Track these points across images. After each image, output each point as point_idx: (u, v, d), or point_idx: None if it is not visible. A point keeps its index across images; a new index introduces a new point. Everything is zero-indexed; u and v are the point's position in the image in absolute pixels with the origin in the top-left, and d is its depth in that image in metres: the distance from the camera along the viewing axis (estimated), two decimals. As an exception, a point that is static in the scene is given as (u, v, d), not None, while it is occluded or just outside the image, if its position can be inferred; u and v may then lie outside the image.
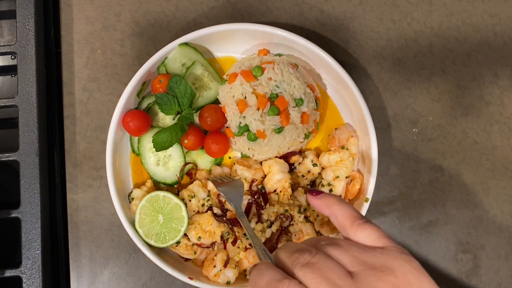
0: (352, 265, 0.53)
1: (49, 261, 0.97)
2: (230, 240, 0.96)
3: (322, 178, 0.98)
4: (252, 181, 0.97)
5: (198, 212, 0.97)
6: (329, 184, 0.97)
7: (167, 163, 0.98)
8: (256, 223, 0.96)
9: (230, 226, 0.96)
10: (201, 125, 0.97)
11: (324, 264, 0.53)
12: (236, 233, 0.96)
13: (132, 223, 0.93)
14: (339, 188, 0.96)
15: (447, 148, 1.04)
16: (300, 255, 0.54)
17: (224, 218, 0.97)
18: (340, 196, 0.95)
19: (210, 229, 0.95)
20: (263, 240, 0.96)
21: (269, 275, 0.53)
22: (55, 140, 1.03)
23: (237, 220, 0.96)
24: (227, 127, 0.98)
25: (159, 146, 0.91)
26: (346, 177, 0.97)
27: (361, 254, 0.54)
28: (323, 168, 0.98)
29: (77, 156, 1.02)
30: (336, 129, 1.01)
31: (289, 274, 0.53)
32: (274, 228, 0.96)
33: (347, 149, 0.97)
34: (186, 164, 0.98)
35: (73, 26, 1.06)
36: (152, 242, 0.92)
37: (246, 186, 0.98)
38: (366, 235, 0.57)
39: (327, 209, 0.61)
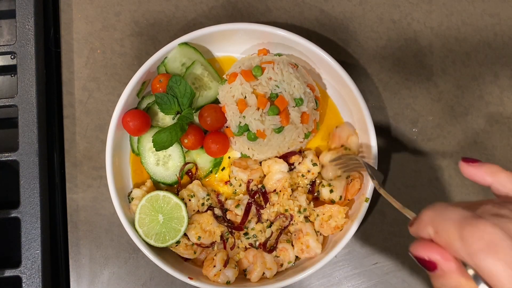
0: None
1: (49, 261, 0.97)
2: (230, 246, 0.97)
3: (322, 178, 0.98)
4: (249, 182, 0.97)
5: (198, 211, 0.97)
6: (329, 185, 0.97)
7: (166, 162, 0.98)
8: (256, 223, 0.96)
9: (230, 230, 0.96)
10: (201, 125, 0.97)
11: None
12: (235, 235, 0.97)
13: (132, 223, 0.93)
14: (339, 188, 0.96)
15: (447, 148, 1.04)
16: (483, 207, 0.51)
17: (224, 219, 0.97)
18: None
19: (210, 228, 0.95)
20: (262, 240, 0.96)
21: (459, 213, 0.49)
22: (54, 140, 1.03)
23: (238, 226, 0.96)
24: (227, 127, 0.98)
25: (159, 145, 0.91)
26: (346, 177, 0.97)
27: None
28: (322, 166, 0.98)
29: (77, 156, 1.02)
30: (336, 127, 1.01)
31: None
32: (274, 228, 0.97)
33: (349, 149, 0.97)
34: (186, 163, 0.98)
35: (72, 26, 1.06)
36: (152, 242, 0.92)
37: (244, 187, 0.98)
38: None
39: (490, 177, 0.58)
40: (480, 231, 0.47)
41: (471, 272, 0.50)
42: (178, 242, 0.94)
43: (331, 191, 0.97)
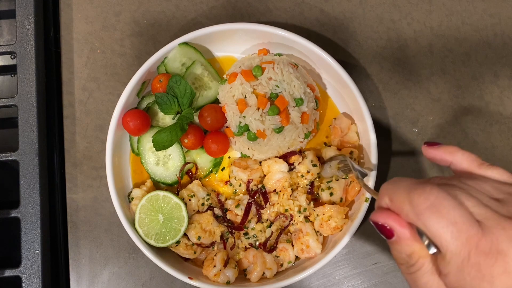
0: (497, 193, 0.53)
1: (49, 261, 0.97)
2: (230, 246, 0.96)
3: (321, 182, 0.98)
4: (249, 182, 0.97)
5: (198, 211, 0.97)
6: (328, 188, 0.97)
7: (166, 162, 0.98)
8: (256, 223, 0.96)
9: (230, 230, 0.96)
10: (201, 125, 0.97)
11: (468, 188, 0.53)
12: (235, 235, 0.97)
13: (132, 223, 0.93)
14: (339, 190, 0.96)
15: (447, 148, 1.04)
16: (431, 181, 0.55)
17: (224, 219, 0.97)
18: None
19: (210, 228, 0.95)
20: (262, 239, 0.96)
21: (409, 181, 0.54)
22: (54, 140, 1.03)
23: (238, 226, 0.96)
24: (227, 127, 0.98)
25: (159, 145, 0.91)
26: (345, 178, 0.96)
27: (503, 186, 0.54)
28: (323, 163, 0.98)
29: (77, 156, 1.02)
30: (334, 119, 1.00)
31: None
32: (274, 228, 0.96)
33: (355, 159, 0.97)
34: (186, 163, 0.98)
35: (72, 26, 1.06)
36: (152, 242, 0.92)
37: (244, 187, 0.98)
38: (498, 173, 0.58)
39: (449, 156, 0.62)
40: (426, 193, 0.51)
41: (425, 241, 0.53)
42: (178, 242, 0.94)
43: (331, 194, 0.97)
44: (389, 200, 0.55)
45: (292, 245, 0.96)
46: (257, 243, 0.96)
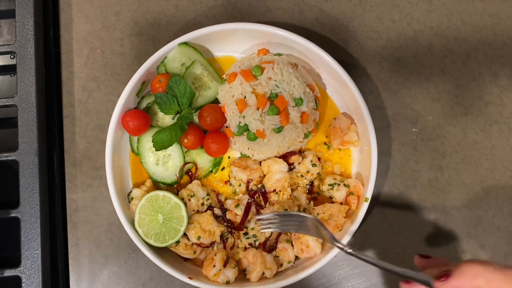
0: None
1: (49, 260, 0.97)
2: (229, 245, 0.96)
3: (322, 185, 0.98)
4: (248, 181, 0.97)
5: (197, 211, 0.97)
6: (328, 191, 0.97)
7: (166, 162, 0.98)
8: (256, 222, 0.96)
9: (230, 230, 0.96)
10: (201, 125, 0.97)
11: None
12: (235, 235, 0.97)
13: (132, 223, 0.93)
14: (339, 199, 0.97)
15: (446, 147, 1.04)
16: None
17: (224, 219, 0.97)
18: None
19: (210, 228, 0.95)
20: (262, 239, 0.96)
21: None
22: (54, 140, 1.03)
23: (238, 226, 0.96)
24: (226, 127, 0.98)
25: (159, 145, 0.91)
26: (345, 185, 0.96)
27: None
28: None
29: (77, 156, 1.02)
30: (334, 119, 1.00)
31: None
32: (274, 227, 0.97)
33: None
34: (185, 163, 0.98)
35: (72, 25, 1.05)
36: (151, 242, 0.92)
37: (243, 187, 0.98)
38: None
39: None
40: None
41: None
42: (178, 242, 0.94)
43: (331, 197, 0.97)
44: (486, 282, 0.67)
45: (292, 245, 0.96)
46: (257, 243, 0.96)
